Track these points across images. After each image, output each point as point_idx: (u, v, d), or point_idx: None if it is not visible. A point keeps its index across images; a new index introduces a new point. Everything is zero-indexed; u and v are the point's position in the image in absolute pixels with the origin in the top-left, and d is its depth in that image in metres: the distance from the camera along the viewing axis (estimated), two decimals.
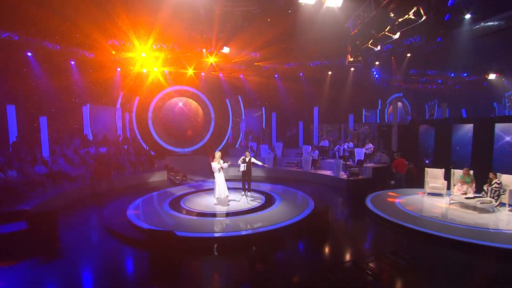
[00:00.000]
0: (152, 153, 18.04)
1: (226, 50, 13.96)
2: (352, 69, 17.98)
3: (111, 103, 17.50)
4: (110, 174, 12.42)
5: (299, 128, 18.34)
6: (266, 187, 12.29)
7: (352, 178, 12.51)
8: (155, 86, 18.95)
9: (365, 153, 13.68)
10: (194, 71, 18.96)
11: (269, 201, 9.94)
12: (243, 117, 20.39)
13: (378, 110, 23.54)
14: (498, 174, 9.15)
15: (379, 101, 23.63)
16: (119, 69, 17.41)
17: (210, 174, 10.88)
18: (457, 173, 10.14)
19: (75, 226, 8.26)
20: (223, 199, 10.01)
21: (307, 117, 19.13)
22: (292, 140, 19.18)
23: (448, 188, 10.24)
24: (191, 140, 20.23)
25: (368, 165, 13.37)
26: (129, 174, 14.14)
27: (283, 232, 7.43)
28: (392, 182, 12.93)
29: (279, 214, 8.54)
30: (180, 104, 19.96)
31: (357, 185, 11.82)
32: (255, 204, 9.56)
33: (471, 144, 11.59)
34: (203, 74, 19.53)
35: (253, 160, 10.48)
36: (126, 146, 15.75)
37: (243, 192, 10.56)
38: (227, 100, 20.69)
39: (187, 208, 9.22)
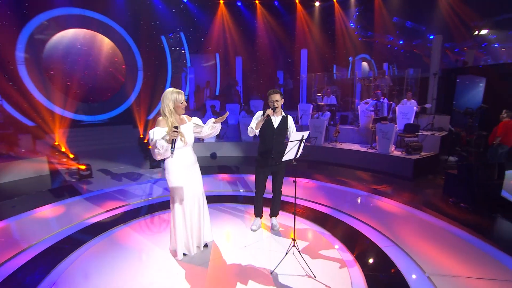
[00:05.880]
0: (31, 123, 9.05)
1: None
2: None
3: None
4: None
5: (279, 80, 11.31)
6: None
7: (417, 157, 6.42)
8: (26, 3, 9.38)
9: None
10: None
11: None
12: (189, 65, 12.35)
13: (349, 70, 17.71)
14: None
15: (350, 59, 17.78)
16: None
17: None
18: None
19: None
20: (196, 255, 2.79)
21: (289, 65, 12.18)
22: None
23: None
24: (106, 102, 11.49)
25: (425, 133, 7.40)
26: None
27: None
28: (448, 157, 7.24)
29: None
30: (79, 41, 10.75)
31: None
32: None
33: None
34: None
35: (290, 124, 3.35)
36: None
37: (255, 224, 3.48)
38: (162, 38, 12.18)
39: None
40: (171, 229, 2.85)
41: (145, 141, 9.11)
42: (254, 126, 3.20)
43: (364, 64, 18.95)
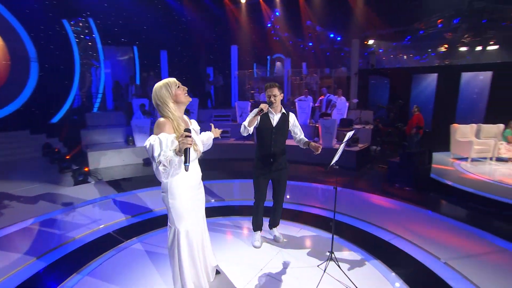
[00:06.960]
0: None
1: None
2: None
3: None
4: None
5: (210, 77, 10.64)
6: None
7: (357, 149, 6.99)
8: None
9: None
10: None
11: None
12: (102, 58, 10.37)
13: (268, 68, 18.34)
14: None
15: (268, 57, 18.42)
16: None
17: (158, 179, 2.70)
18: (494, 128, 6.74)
19: None
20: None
21: (218, 61, 11.56)
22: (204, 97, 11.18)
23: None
24: None
25: (358, 126, 8.15)
26: None
27: None
28: (376, 147, 8.31)
29: None
30: None
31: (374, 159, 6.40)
32: None
33: None
34: None
35: (291, 122, 3.01)
36: None
37: (257, 239, 3.07)
38: (65, 23, 9.78)
39: None
40: (174, 268, 2.10)
41: (56, 150, 7.14)
42: (247, 124, 2.72)
43: (279, 64, 19.97)
